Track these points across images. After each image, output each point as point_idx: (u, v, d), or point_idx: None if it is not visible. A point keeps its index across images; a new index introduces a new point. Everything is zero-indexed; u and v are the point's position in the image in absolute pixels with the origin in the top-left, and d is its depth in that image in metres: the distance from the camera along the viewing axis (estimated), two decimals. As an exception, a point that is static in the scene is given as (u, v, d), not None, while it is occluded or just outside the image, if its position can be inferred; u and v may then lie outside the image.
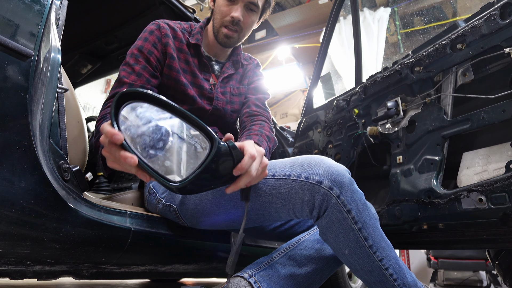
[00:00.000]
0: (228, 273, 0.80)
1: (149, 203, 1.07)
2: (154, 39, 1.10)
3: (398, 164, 1.23)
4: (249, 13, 1.12)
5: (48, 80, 0.76)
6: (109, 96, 1.02)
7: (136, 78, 1.03)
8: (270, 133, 1.18)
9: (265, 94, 1.30)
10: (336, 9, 1.91)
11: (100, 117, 0.97)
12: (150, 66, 1.06)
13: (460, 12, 3.51)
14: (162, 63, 1.10)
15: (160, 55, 1.10)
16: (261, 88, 1.29)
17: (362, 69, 1.65)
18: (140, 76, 1.03)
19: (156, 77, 1.08)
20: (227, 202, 0.88)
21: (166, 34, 1.11)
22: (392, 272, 0.79)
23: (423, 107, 1.17)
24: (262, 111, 1.24)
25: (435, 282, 4.22)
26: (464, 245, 1.15)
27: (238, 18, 1.09)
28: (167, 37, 1.11)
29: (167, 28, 1.13)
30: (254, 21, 1.16)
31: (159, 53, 1.09)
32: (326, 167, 0.79)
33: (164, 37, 1.11)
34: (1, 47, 0.65)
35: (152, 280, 2.28)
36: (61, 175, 0.77)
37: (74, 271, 0.92)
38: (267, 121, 1.24)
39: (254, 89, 1.28)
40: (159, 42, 1.10)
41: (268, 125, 1.20)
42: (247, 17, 1.12)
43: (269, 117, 1.26)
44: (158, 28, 1.12)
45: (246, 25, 1.13)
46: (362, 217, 0.78)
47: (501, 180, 0.90)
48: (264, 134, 1.11)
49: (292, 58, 4.99)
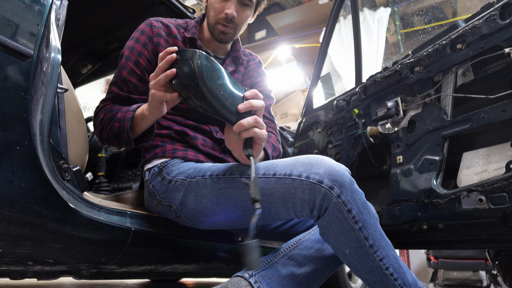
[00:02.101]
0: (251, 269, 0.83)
1: (149, 203, 1.07)
2: (145, 39, 1.10)
3: (398, 164, 1.23)
4: (243, 8, 1.11)
5: (48, 80, 0.76)
6: (106, 98, 1.08)
7: (122, 84, 1.08)
8: (276, 143, 1.19)
9: (270, 99, 1.29)
10: (336, 9, 1.91)
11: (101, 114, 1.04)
12: (138, 69, 1.07)
13: (460, 12, 3.51)
14: (153, 64, 1.10)
15: (151, 55, 1.10)
16: (266, 92, 1.29)
17: (362, 69, 1.65)
18: (126, 83, 1.07)
19: (144, 81, 1.08)
20: (228, 201, 0.88)
21: (158, 33, 1.11)
22: (393, 271, 0.79)
23: (423, 107, 1.17)
24: (269, 122, 1.25)
25: (435, 282, 4.22)
26: (464, 245, 1.15)
27: (232, 15, 1.08)
28: (159, 36, 1.11)
29: (160, 27, 1.12)
30: (249, 15, 1.15)
31: (149, 54, 1.10)
32: (327, 167, 0.79)
33: (155, 37, 1.10)
34: (1, 47, 0.65)
35: (152, 280, 2.28)
36: (61, 175, 0.77)
37: (74, 271, 0.92)
38: (274, 132, 1.24)
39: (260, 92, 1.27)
40: (150, 41, 1.10)
41: (275, 137, 1.21)
42: (241, 12, 1.11)
43: (275, 128, 1.27)
44: (150, 27, 1.11)
45: (240, 21, 1.12)
46: (362, 216, 0.78)
47: (501, 180, 0.90)
48: (270, 142, 1.12)
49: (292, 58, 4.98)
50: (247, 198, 0.85)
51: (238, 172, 0.88)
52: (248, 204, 0.85)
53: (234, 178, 0.87)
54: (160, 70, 0.80)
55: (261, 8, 1.20)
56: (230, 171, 0.89)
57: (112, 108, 1.04)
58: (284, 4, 4.44)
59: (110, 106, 1.05)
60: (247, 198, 0.84)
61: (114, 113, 1.00)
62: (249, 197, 0.74)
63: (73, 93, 1.00)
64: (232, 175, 0.88)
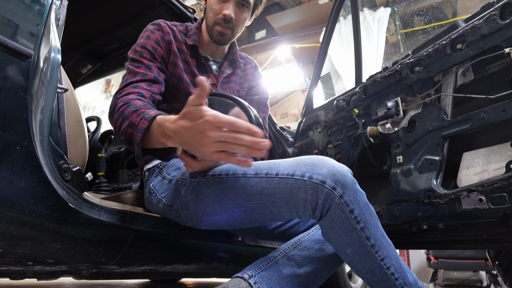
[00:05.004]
0: None
1: (149, 203, 1.07)
2: (157, 37, 1.10)
3: (398, 164, 1.23)
4: (241, 9, 1.13)
5: (48, 80, 0.76)
6: (121, 86, 0.99)
7: (147, 70, 1.02)
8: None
9: (265, 108, 1.31)
10: (336, 9, 1.91)
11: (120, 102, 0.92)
12: (156, 61, 1.07)
13: (460, 12, 3.51)
14: (166, 61, 1.11)
15: (164, 53, 1.11)
16: (262, 101, 1.30)
17: (362, 69, 1.65)
18: (150, 68, 1.03)
19: (163, 71, 1.09)
20: (229, 201, 0.88)
21: (168, 33, 1.13)
22: (394, 271, 0.80)
23: (423, 107, 1.17)
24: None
25: (435, 282, 4.22)
26: (464, 245, 1.15)
27: (230, 16, 1.10)
28: (169, 35, 1.13)
29: (168, 28, 1.15)
30: (247, 17, 1.17)
31: (163, 51, 1.10)
32: (330, 167, 0.79)
33: (167, 35, 1.12)
34: (1, 47, 0.65)
35: (152, 280, 2.28)
36: (61, 175, 0.77)
37: (74, 271, 0.92)
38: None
39: (257, 101, 1.28)
40: (162, 40, 1.11)
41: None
42: (239, 14, 1.13)
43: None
44: (160, 27, 1.13)
45: (238, 22, 1.15)
46: (364, 216, 0.78)
47: (501, 180, 0.90)
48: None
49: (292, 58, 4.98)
50: (248, 198, 0.85)
51: (240, 171, 0.88)
52: (250, 204, 0.85)
53: (236, 178, 0.87)
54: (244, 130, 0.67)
55: (258, 12, 1.23)
56: (232, 171, 0.89)
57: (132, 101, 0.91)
58: (284, 4, 4.44)
59: (133, 97, 0.94)
60: (249, 198, 0.85)
61: (131, 112, 0.87)
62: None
63: (73, 93, 1.00)
64: (234, 174, 0.88)
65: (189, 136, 0.69)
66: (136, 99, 0.93)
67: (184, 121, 0.70)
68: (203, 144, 0.68)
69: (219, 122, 0.66)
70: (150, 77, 1.02)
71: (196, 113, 0.67)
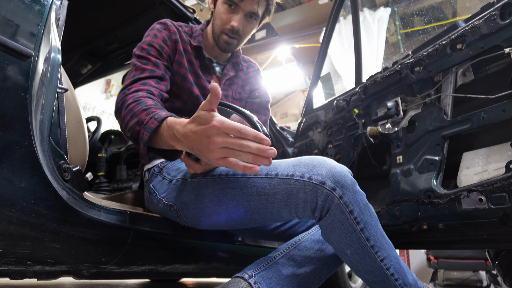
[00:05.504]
0: None
1: (149, 203, 1.07)
2: (164, 36, 1.11)
3: (398, 164, 1.23)
4: (249, 21, 1.14)
5: (48, 80, 0.76)
6: (129, 82, 0.98)
7: (154, 67, 1.02)
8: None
9: (266, 111, 1.31)
10: (336, 9, 1.91)
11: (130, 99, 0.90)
12: (162, 59, 1.07)
13: (460, 12, 3.51)
14: (171, 60, 1.11)
15: (171, 52, 1.11)
16: (263, 104, 1.30)
17: (362, 69, 1.65)
18: (158, 66, 1.03)
19: (169, 69, 1.09)
20: (229, 201, 0.88)
21: (175, 32, 1.14)
22: (393, 272, 0.80)
23: (423, 107, 1.17)
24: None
25: (435, 282, 4.22)
26: (464, 245, 1.15)
27: (238, 28, 1.11)
28: (176, 34, 1.14)
29: (175, 27, 1.15)
30: (253, 28, 1.18)
31: (170, 49, 1.11)
32: (329, 168, 0.79)
33: (173, 34, 1.13)
34: (1, 47, 0.65)
35: (152, 280, 2.28)
36: (61, 175, 0.77)
37: (74, 271, 0.92)
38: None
39: (258, 104, 1.28)
40: (169, 39, 1.11)
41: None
42: (247, 25, 1.14)
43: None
44: (166, 27, 1.14)
45: (245, 33, 1.16)
46: (364, 217, 0.78)
47: (501, 180, 0.90)
48: None
49: (292, 58, 4.99)
50: (248, 198, 0.85)
51: (241, 172, 0.88)
52: (250, 204, 0.85)
53: (236, 178, 0.87)
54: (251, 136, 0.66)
55: (264, 22, 1.22)
56: (232, 171, 0.89)
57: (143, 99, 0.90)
58: (284, 4, 4.44)
59: (143, 94, 0.92)
60: (249, 198, 0.85)
61: (141, 110, 0.85)
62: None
63: (73, 93, 1.00)
64: (234, 175, 0.88)
65: (196, 140, 0.69)
66: (146, 97, 0.92)
67: (193, 125, 0.70)
68: (209, 150, 0.68)
69: (225, 127, 0.65)
70: (158, 74, 1.02)
71: (204, 118, 0.67)
